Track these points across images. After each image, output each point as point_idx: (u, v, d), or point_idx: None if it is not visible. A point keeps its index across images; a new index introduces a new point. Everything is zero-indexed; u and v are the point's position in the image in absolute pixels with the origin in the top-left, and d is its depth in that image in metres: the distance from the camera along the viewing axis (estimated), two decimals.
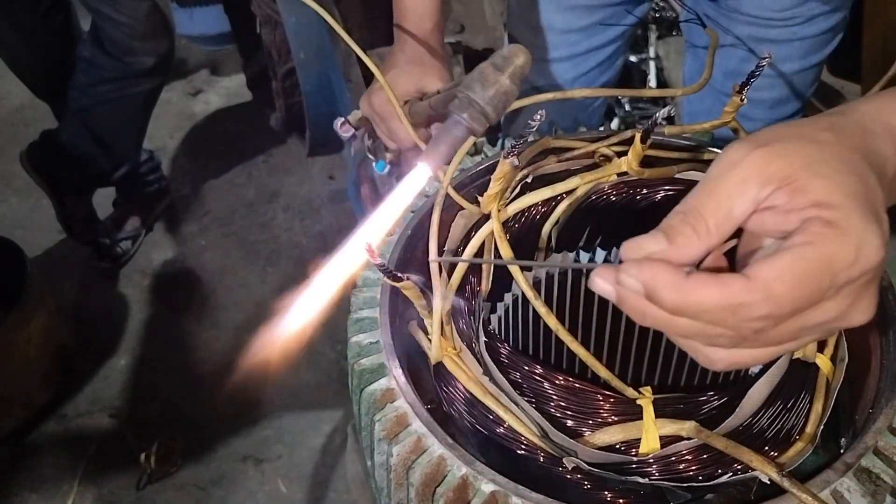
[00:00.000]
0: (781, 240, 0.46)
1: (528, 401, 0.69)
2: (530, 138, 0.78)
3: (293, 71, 2.20)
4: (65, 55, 2.10)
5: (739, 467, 0.64)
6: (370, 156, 1.08)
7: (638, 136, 0.74)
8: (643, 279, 0.45)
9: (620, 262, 0.47)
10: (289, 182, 2.60)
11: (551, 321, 0.70)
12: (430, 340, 0.75)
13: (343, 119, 1.07)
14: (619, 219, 0.88)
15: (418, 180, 0.72)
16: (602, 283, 0.48)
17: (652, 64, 2.25)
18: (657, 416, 0.67)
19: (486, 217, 0.83)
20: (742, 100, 0.78)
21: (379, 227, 0.72)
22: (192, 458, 1.83)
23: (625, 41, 1.31)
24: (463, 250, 0.82)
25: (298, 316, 0.70)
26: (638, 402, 0.68)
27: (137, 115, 2.19)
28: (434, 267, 0.78)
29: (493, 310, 0.86)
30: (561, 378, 0.70)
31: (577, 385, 0.70)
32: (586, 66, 1.30)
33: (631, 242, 0.47)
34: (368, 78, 2.08)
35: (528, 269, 0.86)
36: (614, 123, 2.24)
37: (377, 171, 1.09)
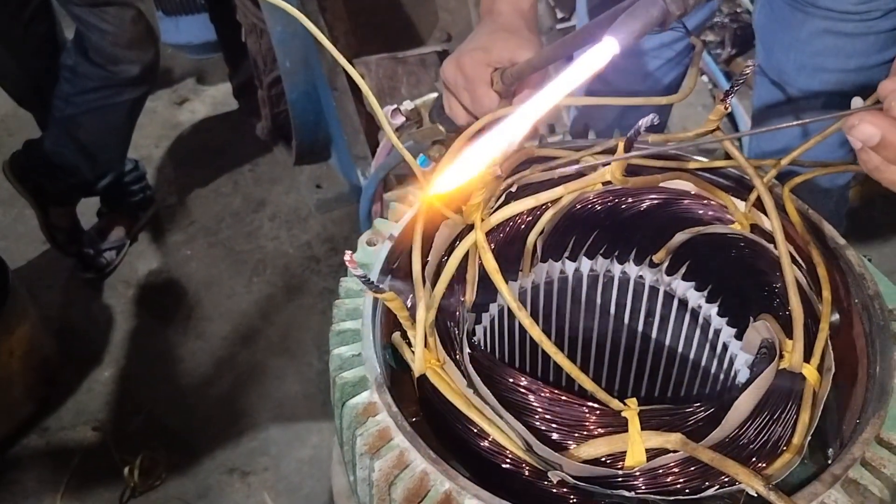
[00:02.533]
0: None
1: (512, 413, 0.68)
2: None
3: (279, 80, 2.19)
4: (49, 64, 2.08)
5: (726, 480, 0.64)
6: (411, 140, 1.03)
7: (621, 145, 0.73)
8: None
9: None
10: (275, 191, 2.59)
11: (535, 333, 0.69)
12: (413, 352, 0.74)
13: (395, 106, 1.03)
14: (604, 228, 0.88)
15: (601, 57, 0.64)
16: (868, 126, 0.51)
17: None
18: (643, 428, 0.66)
19: (470, 226, 0.82)
20: (726, 108, 0.77)
21: (548, 102, 0.66)
22: (176, 472, 1.81)
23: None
24: (447, 260, 0.81)
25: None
26: (623, 414, 0.67)
27: (122, 125, 2.18)
28: (417, 278, 0.77)
29: (479, 320, 0.85)
30: (546, 390, 0.70)
31: (562, 397, 0.69)
32: (657, 63, 1.33)
33: (891, 81, 0.51)
34: (354, 86, 2.09)
35: (514, 278, 0.86)
36: None
37: (421, 166, 1.05)
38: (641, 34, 0.65)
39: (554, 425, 0.68)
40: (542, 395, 0.69)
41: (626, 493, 0.64)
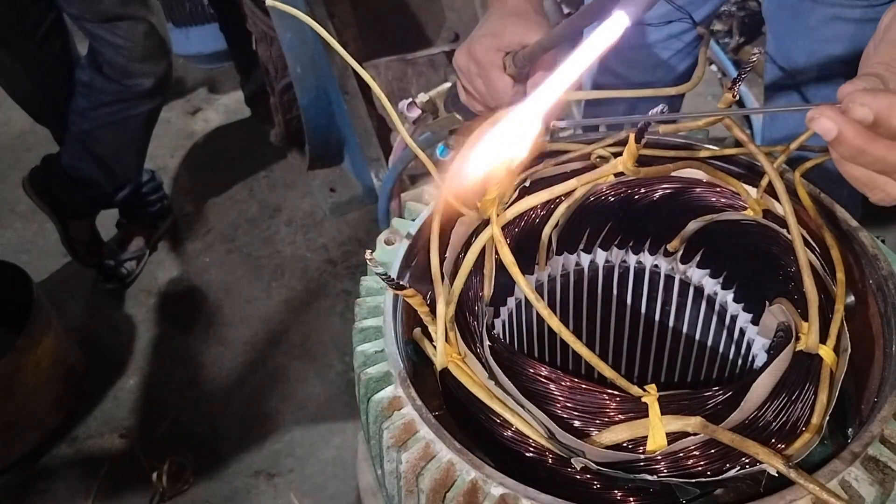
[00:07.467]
0: None
1: (534, 403, 0.69)
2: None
3: (290, 86, 2.21)
4: (63, 80, 2.11)
5: (747, 461, 0.65)
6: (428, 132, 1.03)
7: (632, 136, 0.74)
8: (877, 106, 0.52)
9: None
10: (290, 196, 2.61)
11: (554, 323, 0.71)
12: (434, 347, 0.75)
13: (410, 100, 1.04)
14: (617, 219, 0.89)
15: (612, 32, 0.64)
16: (826, 121, 0.54)
17: None
18: (663, 413, 0.67)
19: (486, 222, 0.83)
20: (734, 96, 0.78)
21: (563, 80, 0.66)
22: (203, 476, 1.83)
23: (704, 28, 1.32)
24: (464, 256, 0.82)
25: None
26: (643, 399, 0.68)
27: (138, 137, 2.20)
28: (436, 274, 0.78)
29: (497, 314, 0.86)
30: (566, 379, 0.71)
31: (582, 385, 0.70)
32: (667, 54, 1.33)
33: (850, 84, 0.54)
34: (364, 89, 2.11)
35: (531, 272, 0.87)
36: None
37: (438, 156, 1.06)
38: (650, 5, 0.66)
39: (575, 413, 0.69)
40: (563, 383, 0.70)
41: (649, 477, 0.65)
